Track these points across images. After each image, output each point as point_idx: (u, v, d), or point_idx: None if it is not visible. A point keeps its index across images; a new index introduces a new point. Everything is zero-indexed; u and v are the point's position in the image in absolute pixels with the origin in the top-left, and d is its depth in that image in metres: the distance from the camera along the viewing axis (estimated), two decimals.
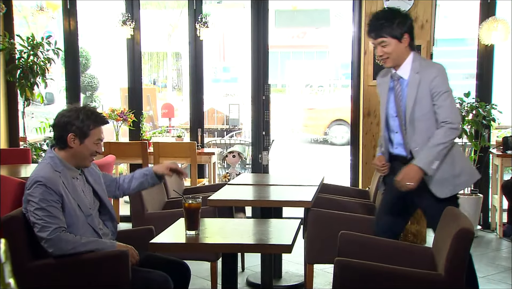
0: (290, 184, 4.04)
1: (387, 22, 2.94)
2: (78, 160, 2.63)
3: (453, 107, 2.90)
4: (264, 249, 2.69)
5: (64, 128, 2.58)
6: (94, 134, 2.61)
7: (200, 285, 4.02)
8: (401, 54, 2.97)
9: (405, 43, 2.96)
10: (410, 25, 2.99)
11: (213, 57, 18.11)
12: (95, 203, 2.73)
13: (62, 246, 2.43)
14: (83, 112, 2.61)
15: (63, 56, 6.42)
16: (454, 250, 2.34)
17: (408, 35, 2.97)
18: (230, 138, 9.59)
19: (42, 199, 2.46)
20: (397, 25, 2.94)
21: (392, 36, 2.94)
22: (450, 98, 2.90)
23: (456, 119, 2.88)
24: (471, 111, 5.26)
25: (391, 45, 2.95)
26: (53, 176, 2.53)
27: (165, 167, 2.86)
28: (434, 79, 2.90)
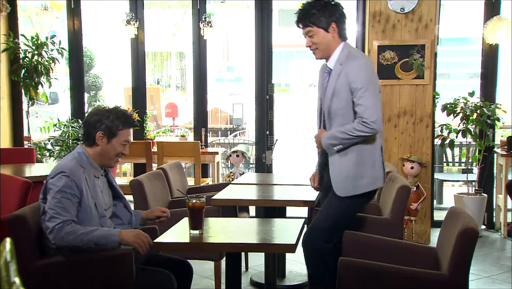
0: (294, 184, 4.03)
1: (313, 12, 2.84)
2: (104, 159, 2.67)
3: (368, 105, 2.73)
4: (268, 248, 2.69)
5: (94, 126, 2.64)
6: (121, 135, 2.65)
7: (204, 284, 4.02)
8: (329, 44, 2.87)
9: (333, 33, 2.86)
10: (338, 15, 2.87)
11: (217, 57, 18.10)
12: (111, 206, 2.75)
13: (64, 236, 2.44)
14: (114, 113, 2.66)
15: (67, 56, 6.43)
16: (458, 250, 2.33)
17: (336, 25, 2.86)
18: (233, 137, 9.60)
19: (60, 190, 2.49)
20: (324, 14, 2.84)
21: (318, 26, 2.84)
22: (367, 94, 2.74)
23: (370, 116, 2.72)
24: (476, 110, 5.25)
25: (318, 35, 2.86)
26: (78, 170, 2.57)
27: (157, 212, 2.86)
28: (352, 73, 2.79)
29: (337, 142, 2.82)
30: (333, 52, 2.88)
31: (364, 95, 2.73)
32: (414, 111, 5.32)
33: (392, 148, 5.37)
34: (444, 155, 7.30)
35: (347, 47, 2.89)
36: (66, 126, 6.14)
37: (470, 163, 6.38)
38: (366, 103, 2.72)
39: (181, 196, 4.07)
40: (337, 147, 2.84)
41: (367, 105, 2.72)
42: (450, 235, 2.49)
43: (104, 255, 2.51)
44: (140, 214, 2.87)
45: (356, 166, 2.87)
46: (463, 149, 7.27)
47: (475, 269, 4.44)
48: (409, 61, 5.26)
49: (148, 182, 3.81)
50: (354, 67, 2.79)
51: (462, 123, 5.30)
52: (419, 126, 5.32)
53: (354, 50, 2.93)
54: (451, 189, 7.42)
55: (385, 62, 5.32)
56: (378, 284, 2.45)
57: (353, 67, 2.79)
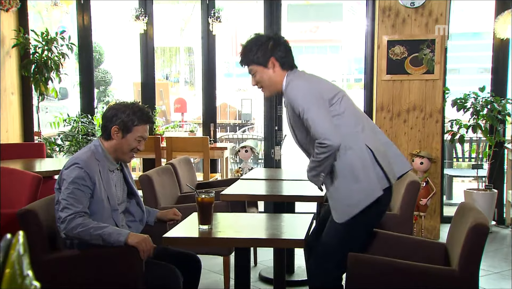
0: (303, 179, 4.02)
1: (249, 50, 2.71)
2: (119, 153, 2.69)
3: (315, 124, 2.50)
4: (277, 243, 2.69)
5: (110, 120, 2.66)
6: (137, 131, 2.66)
7: (212, 279, 4.03)
8: (272, 80, 2.70)
9: (273, 68, 2.68)
10: (275, 48, 2.68)
11: (226, 52, 18.10)
12: (124, 201, 2.77)
13: (74, 227, 2.46)
14: (131, 108, 2.67)
15: (77, 51, 6.45)
16: (468, 245, 2.32)
17: (275, 59, 2.67)
18: (242, 133, 9.60)
19: (74, 181, 2.51)
20: (259, 51, 2.68)
21: (257, 64, 2.69)
22: (309, 114, 2.51)
23: (320, 135, 2.48)
24: (486, 105, 5.21)
25: (259, 72, 2.70)
26: (92, 162, 2.59)
27: (170, 215, 2.89)
28: (291, 99, 2.61)
29: (315, 172, 2.60)
30: (282, 86, 2.70)
31: (307, 116, 2.52)
32: (424, 107, 5.30)
33: (401, 143, 5.35)
34: (454, 150, 7.26)
35: (289, 76, 2.69)
36: (75, 121, 6.17)
37: (480, 158, 6.35)
38: (313, 124, 2.50)
39: (190, 191, 4.08)
40: (320, 176, 2.60)
41: (314, 125, 2.50)
42: (460, 231, 2.47)
43: (114, 250, 2.53)
44: (155, 213, 2.89)
45: (345, 182, 2.58)
46: (473, 144, 7.23)
47: (484, 265, 4.42)
48: (419, 56, 5.23)
49: (157, 177, 3.83)
50: (290, 93, 2.61)
51: (472, 119, 5.27)
52: (428, 121, 5.30)
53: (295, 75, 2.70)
54: (460, 184, 7.39)
55: (394, 57, 5.29)
56: (387, 279, 2.44)
57: (289, 93, 2.61)
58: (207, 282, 3.92)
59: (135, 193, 2.83)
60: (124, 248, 2.49)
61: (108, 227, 2.50)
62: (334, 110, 2.58)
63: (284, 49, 2.71)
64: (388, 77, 5.33)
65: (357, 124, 2.62)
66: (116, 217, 2.65)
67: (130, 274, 2.54)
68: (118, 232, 2.50)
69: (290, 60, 2.72)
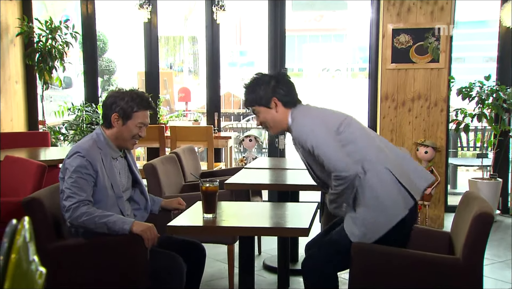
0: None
1: (252, 92, 2.70)
2: (120, 141, 2.69)
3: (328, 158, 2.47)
4: (281, 232, 2.69)
5: (110, 108, 2.65)
6: (137, 117, 2.65)
7: (217, 268, 4.05)
8: (276, 120, 2.68)
9: (276, 108, 2.66)
10: (276, 87, 2.66)
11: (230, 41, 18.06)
12: (129, 188, 2.78)
13: (78, 215, 2.47)
14: (129, 95, 2.66)
15: (80, 40, 6.45)
16: (473, 234, 2.32)
17: (278, 98, 2.65)
18: (246, 122, 9.60)
19: (76, 169, 2.52)
20: (261, 91, 2.66)
21: (259, 105, 2.68)
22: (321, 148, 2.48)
23: (335, 169, 2.44)
24: (491, 94, 5.19)
25: (262, 113, 2.69)
26: (94, 151, 2.59)
27: (174, 204, 2.89)
28: (298, 137, 2.58)
29: (336, 204, 2.56)
30: (287, 124, 2.68)
31: (318, 151, 2.49)
32: (429, 96, 5.28)
33: (406, 132, 5.34)
34: (458, 140, 7.24)
35: (293, 113, 2.66)
36: (80, 110, 6.17)
37: (485, 147, 6.33)
38: (325, 158, 2.47)
39: (195, 180, 4.08)
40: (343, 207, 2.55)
41: (326, 160, 2.47)
42: (465, 220, 2.47)
43: (119, 238, 2.54)
44: (160, 202, 2.89)
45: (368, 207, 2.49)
46: (478, 134, 7.20)
47: (489, 254, 4.42)
48: (424, 44, 5.20)
49: (162, 166, 3.83)
50: (296, 131, 2.59)
51: (477, 108, 5.24)
52: (433, 110, 5.28)
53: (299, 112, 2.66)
54: (465, 173, 7.37)
55: (399, 46, 5.27)
56: (391, 268, 2.45)
57: (296, 132, 2.59)
58: (212, 271, 3.93)
59: (139, 181, 2.83)
60: (128, 237, 2.50)
61: (113, 216, 2.51)
62: (344, 139, 2.54)
63: (287, 87, 2.69)
64: (393, 66, 5.31)
65: (370, 148, 2.56)
66: (121, 204, 2.65)
67: (135, 262, 2.55)
68: (123, 220, 2.51)
69: (293, 98, 2.69)
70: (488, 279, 3.87)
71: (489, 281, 3.83)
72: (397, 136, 5.37)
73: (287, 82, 2.72)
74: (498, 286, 3.79)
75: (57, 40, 5.90)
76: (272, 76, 2.72)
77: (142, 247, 2.51)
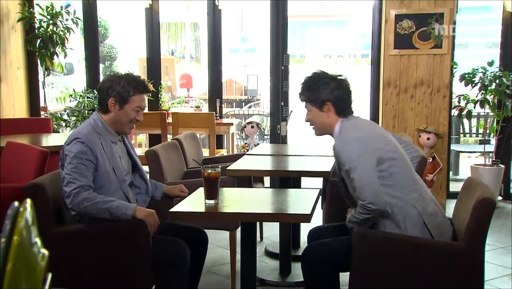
0: (309, 154, 4.03)
1: (309, 89, 2.64)
2: (118, 125, 2.68)
3: (360, 186, 2.43)
4: (283, 218, 2.70)
5: (106, 93, 2.64)
6: (133, 101, 2.64)
7: (219, 254, 4.06)
8: (325, 123, 2.64)
9: (328, 112, 2.61)
10: (333, 91, 2.60)
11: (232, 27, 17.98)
12: (130, 172, 2.78)
13: (80, 201, 2.47)
14: (125, 79, 2.65)
15: (82, 26, 6.42)
16: (475, 220, 2.32)
17: (332, 104, 2.59)
18: (248, 109, 9.58)
19: (76, 155, 2.52)
20: (320, 92, 2.60)
21: (312, 104, 2.64)
22: (356, 174, 2.43)
23: (365, 198, 2.41)
24: (494, 80, 5.16)
25: (313, 112, 2.65)
26: (93, 137, 2.58)
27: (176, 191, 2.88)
28: (339, 153, 2.53)
29: (354, 226, 2.52)
30: (333, 130, 2.64)
31: (354, 175, 2.45)
32: (431, 82, 5.26)
33: (408, 118, 5.33)
34: (461, 126, 7.23)
35: (343, 123, 2.61)
36: (81, 96, 6.17)
37: (488, 133, 6.32)
38: (359, 185, 2.43)
39: (197, 166, 4.08)
40: (359, 227, 2.52)
41: (359, 187, 2.43)
42: (467, 205, 2.47)
43: (121, 224, 2.54)
44: (162, 188, 2.89)
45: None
46: (480, 120, 7.19)
47: (490, 239, 4.42)
48: (427, 30, 5.17)
49: (164, 152, 3.83)
50: (340, 146, 2.53)
51: (480, 94, 5.22)
52: (436, 96, 5.26)
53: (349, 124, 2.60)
54: (467, 160, 7.37)
55: (402, 31, 5.24)
56: (393, 253, 2.45)
57: (339, 146, 2.53)
58: (214, 257, 3.95)
59: (138, 166, 2.82)
60: (130, 222, 2.51)
61: (114, 201, 2.51)
62: (384, 169, 2.48)
63: (344, 94, 2.62)
64: (396, 52, 5.28)
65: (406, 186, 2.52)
66: (124, 188, 2.66)
67: (137, 248, 2.56)
68: (125, 206, 2.52)
69: (347, 107, 2.63)
70: (489, 265, 3.88)
71: (490, 266, 3.84)
72: (399, 123, 5.36)
73: (346, 89, 2.64)
74: (499, 272, 3.80)
75: (58, 26, 5.88)
76: (333, 78, 2.64)
77: (144, 233, 2.51)
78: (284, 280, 3.61)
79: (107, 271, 2.60)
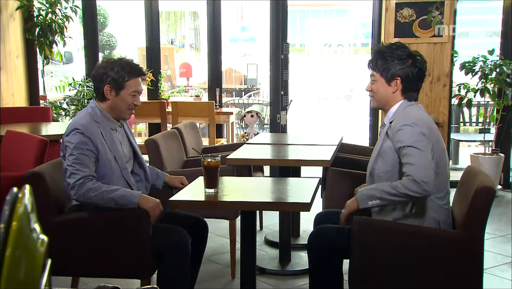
0: (309, 143, 4.03)
1: (383, 58, 2.52)
2: (117, 112, 2.65)
3: (420, 164, 2.33)
4: (283, 207, 2.70)
5: (101, 80, 2.60)
6: (129, 86, 2.60)
7: (219, 243, 4.07)
8: (386, 98, 2.54)
9: (394, 88, 2.51)
10: (412, 73, 2.49)
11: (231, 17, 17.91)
12: (131, 158, 2.77)
13: (85, 192, 2.46)
14: (119, 64, 2.60)
15: (81, 15, 6.39)
16: (473, 208, 2.32)
17: (401, 82, 2.49)
18: (248, 98, 9.57)
19: (76, 146, 2.50)
20: (394, 65, 2.49)
21: (381, 74, 2.52)
22: (417, 153, 2.34)
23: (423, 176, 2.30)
24: (495, 69, 5.15)
25: (377, 83, 2.54)
26: (92, 126, 2.56)
27: (177, 183, 2.87)
28: (398, 131, 2.41)
29: (377, 194, 2.39)
30: (391, 107, 2.54)
31: (413, 153, 2.35)
32: (432, 70, 5.24)
33: None
34: (461, 115, 7.22)
35: (405, 106, 2.52)
36: (81, 85, 6.15)
37: (488, 122, 6.31)
38: (417, 162, 2.33)
39: (196, 155, 4.08)
40: (373, 201, 2.41)
41: (418, 164, 2.33)
42: (466, 194, 2.47)
43: (121, 213, 2.55)
44: (164, 177, 2.88)
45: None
46: (480, 109, 7.18)
47: (490, 228, 4.44)
48: (428, 18, 5.15)
49: (163, 141, 3.83)
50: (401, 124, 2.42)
51: (480, 82, 5.21)
52: (436, 85, 5.25)
53: (414, 107, 2.52)
54: (467, 149, 7.37)
55: (402, 20, 5.22)
56: (392, 241, 2.45)
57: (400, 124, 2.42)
58: (213, 246, 3.96)
59: (137, 153, 2.81)
60: (131, 211, 2.51)
61: (119, 190, 2.51)
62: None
63: (418, 75, 2.52)
64: (396, 41, 5.26)
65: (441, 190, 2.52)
66: (126, 176, 2.65)
67: (137, 236, 2.56)
68: (131, 194, 2.51)
69: (415, 90, 2.54)
70: (489, 253, 3.89)
71: (489, 255, 3.86)
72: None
73: (422, 72, 2.54)
74: (499, 260, 3.81)
75: (57, 14, 5.85)
76: (411, 55, 2.53)
77: (144, 221, 2.52)
78: (284, 269, 3.62)
79: (106, 259, 2.60)
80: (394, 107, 2.53)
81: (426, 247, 2.43)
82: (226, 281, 3.46)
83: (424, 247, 2.43)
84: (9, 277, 0.57)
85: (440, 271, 2.41)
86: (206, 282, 3.35)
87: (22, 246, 0.60)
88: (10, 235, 0.57)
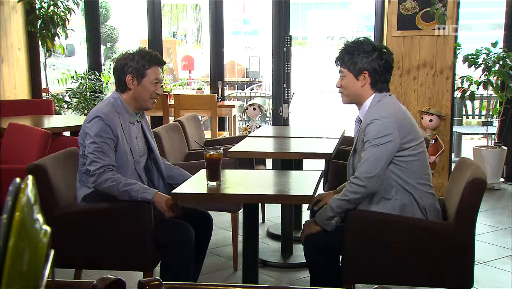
0: (311, 136, 4.02)
1: (348, 53, 2.53)
2: (140, 102, 2.67)
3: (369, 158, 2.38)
4: (285, 199, 2.70)
5: (122, 71, 2.64)
6: (151, 74, 2.64)
7: (221, 235, 4.08)
8: (356, 93, 2.55)
9: (363, 82, 2.52)
10: (378, 65, 2.50)
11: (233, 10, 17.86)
12: (145, 153, 2.77)
13: (103, 181, 2.48)
14: (138, 54, 2.65)
15: (83, 7, 6.38)
16: (465, 200, 2.33)
17: (369, 75, 2.50)
18: (250, 91, 9.56)
19: (98, 134, 2.52)
20: (360, 60, 2.50)
21: (348, 70, 2.54)
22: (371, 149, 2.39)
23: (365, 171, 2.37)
24: (498, 61, 5.13)
25: (346, 79, 2.55)
26: (113, 115, 2.58)
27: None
28: (367, 125, 2.43)
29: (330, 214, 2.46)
30: (364, 102, 2.55)
31: (368, 149, 2.39)
32: (434, 63, 5.22)
33: (411, 100, 5.31)
34: (464, 108, 7.20)
35: (378, 99, 2.52)
36: (83, 78, 6.15)
37: (491, 115, 6.29)
38: (369, 158, 2.38)
39: (199, 148, 4.08)
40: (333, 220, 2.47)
41: (369, 160, 2.38)
42: (458, 186, 2.48)
43: (124, 205, 2.55)
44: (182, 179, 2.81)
45: None
46: (483, 101, 7.16)
47: (492, 221, 4.44)
48: (431, 11, 5.12)
49: (166, 134, 3.83)
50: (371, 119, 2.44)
51: (483, 75, 5.20)
52: (439, 78, 5.23)
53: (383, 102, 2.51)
54: (470, 142, 7.36)
55: (405, 12, 5.19)
56: (385, 233, 2.46)
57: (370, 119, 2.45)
58: (216, 238, 3.96)
59: (153, 150, 2.80)
60: (133, 203, 2.51)
61: (136, 184, 2.52)
62: (405, 156, 2.44)
63: (385, 67, 2.53)
64: (399, 33, 5.24)
65: (420, 178, 2.51)
66: (139, 170, 2.67)
67: (140, 228, 2.57)
68: (145, 190, 2.52)
69: (384, 82, 2.54)
70: (491, 246, 3.89)
71: (491, 248, 3.86)
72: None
73: (388, 63, 2.55)
74: (500, 253, 3.81)
75: (59, 7, 5.84)
76: (377, 49, 2.54)
77: (146, 213, 2.52)
78: (286, 262, 3.63)
79: (109, 252, 2.61)
80: (368, 102, 2.55)
81: (417, 239, 2.44)
82: (228, 274, 3.47)
83: (416, 239, 2.44)
84: (12, 268, 0.57)
85: (432, 263, 2.42)
86: (208, 275, 3.36)
87: (25, 236, 0.60)
88: (13, 226, 0.57)
